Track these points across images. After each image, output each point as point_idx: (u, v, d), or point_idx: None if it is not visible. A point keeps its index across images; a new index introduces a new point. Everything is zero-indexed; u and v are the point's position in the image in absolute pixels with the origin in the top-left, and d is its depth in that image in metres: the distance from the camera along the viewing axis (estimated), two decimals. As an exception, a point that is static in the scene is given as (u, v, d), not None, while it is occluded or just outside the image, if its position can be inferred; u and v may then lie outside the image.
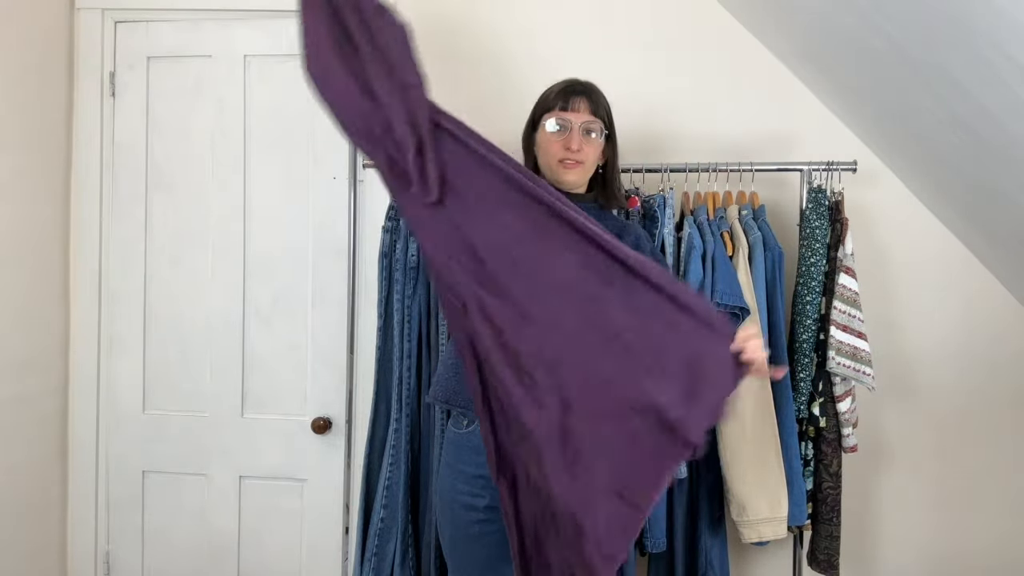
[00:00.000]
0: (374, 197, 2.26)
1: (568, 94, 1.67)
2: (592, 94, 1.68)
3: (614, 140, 1.73)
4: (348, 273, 2.25)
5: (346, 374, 2.25)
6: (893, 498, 2.24)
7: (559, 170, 1.65)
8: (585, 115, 1.65)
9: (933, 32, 1.56)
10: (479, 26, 2.26)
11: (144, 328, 2.30)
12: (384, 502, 1.97)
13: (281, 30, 2.24)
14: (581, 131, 1.64)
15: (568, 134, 1.64)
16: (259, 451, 2.28)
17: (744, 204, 2.03)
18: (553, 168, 1.66)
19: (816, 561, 2.00)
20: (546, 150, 1.66)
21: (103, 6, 2.27)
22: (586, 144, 1.65)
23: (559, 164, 1.64)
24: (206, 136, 2.28)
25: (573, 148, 1.63)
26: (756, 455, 1.86)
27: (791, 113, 2.21)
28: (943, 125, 1.83)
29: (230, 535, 2.30)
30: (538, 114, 1.70)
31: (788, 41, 2.15)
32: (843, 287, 1.92)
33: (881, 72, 1.86)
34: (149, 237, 2.30)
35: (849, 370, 1.91)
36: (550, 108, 1.67)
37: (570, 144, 1.63)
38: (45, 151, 2.21)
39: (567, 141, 1.63)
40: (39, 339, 2.20)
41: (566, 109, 1.65)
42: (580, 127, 1.64)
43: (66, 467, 2.32)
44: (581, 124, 1.64)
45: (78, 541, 2.34)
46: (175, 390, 2.30)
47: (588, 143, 1.65)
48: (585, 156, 1.65)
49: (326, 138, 2.23)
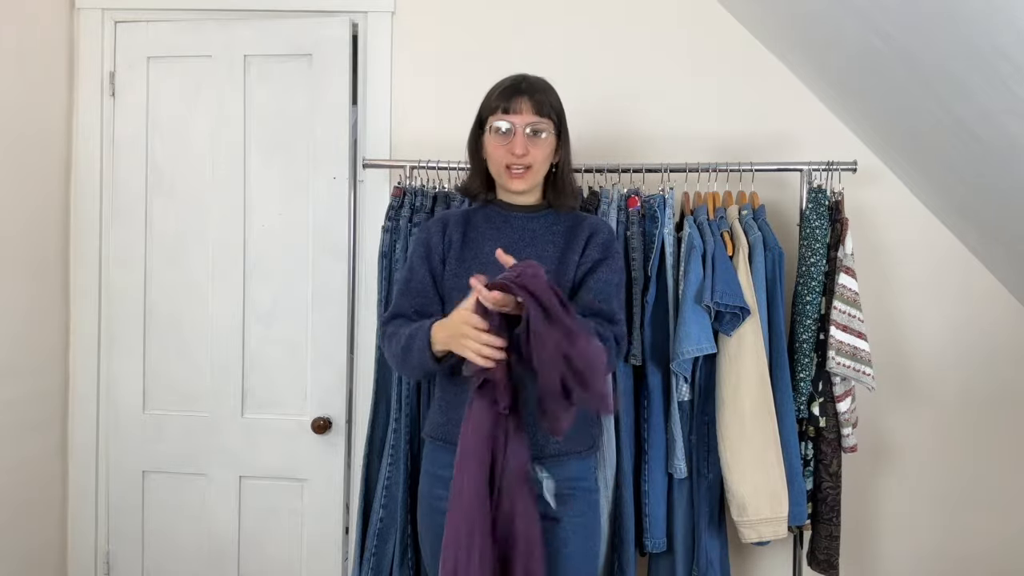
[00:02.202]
0: (374, 197, 2.27)
1: (511, 94, 1.57)
2: (536, 92, 1.58)
3: (565, 138, 1.65)
4: (348, 273, 2.25)
5: (346, 374, 2.25)
6: (893, 498, 2.24)
7: (506, 177, 1.59)
8: (529, 116, 1.56)
9: (933, 32, 1.57)
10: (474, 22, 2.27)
11: (144, 328, 2.30)
12: (383, 502, 1.97)
13: (281, 30, 2.24)
14: (527, 134, 1.55)
15: (512, 138, 1.55)
16: (259, 451, 2.27)
17: (744, 204, 2.03)
18: (501, 175, 1.61)
19: (816, 561, 2.00)
20: (492, 156, 1.60)
21: (103, 6, 2.27)
22: (533, 147, 1.56)
23: (506, 171, 1.58)
24: (206, 136, 2.28)
25: (517, 153, 1.55)
26: (756, 455, 1.86)
27: (791, 113, 2.21)
28: (943, 125, 1.83)
29: (230, 535, 2.30)
30: (483, 116, 1.62)
31: (788, 41, 2.15)
32: (843, 287, 1.92)
33: (881, 72, 1.86)
34: (149, 237, 2.30)
35: (849, 370, 1.91)
36: (493, 110, 1.58)
37: (514, 149, 1.55)
38: (45, 151, 2.21)
39: (512, 146, 1.55)
40: (39, 339, 2.20)
41: (508, 111, 1.56)
42: (525, 129, 1.55)
43: (66, 467, 2.32)
44: (526, 126, 1.55)
45: (78, 541, 2.34)
46: (175, 390, 2.30)
47: (535, 145, 1.57)
48: (533, 159, 1.57)
49: (326, 138, 2.23)
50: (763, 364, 1.89)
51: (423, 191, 2.06)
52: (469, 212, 1.71)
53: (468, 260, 1.61)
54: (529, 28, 2.26)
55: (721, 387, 1.90)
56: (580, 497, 1.58)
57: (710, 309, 1.84)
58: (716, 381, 1.91)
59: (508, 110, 1.56)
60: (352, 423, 2.27)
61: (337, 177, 2.24)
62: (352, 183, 2.25)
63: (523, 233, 1.64)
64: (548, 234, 1.64)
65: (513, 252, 1.48)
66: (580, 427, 1.55)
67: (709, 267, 1.88)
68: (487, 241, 1.62)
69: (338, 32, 2.23)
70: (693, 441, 1.96)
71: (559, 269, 1.60)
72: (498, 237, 1.62)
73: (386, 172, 2.26)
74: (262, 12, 2.27)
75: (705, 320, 1.85)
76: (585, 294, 1.58)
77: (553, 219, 1.66)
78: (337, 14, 2.25)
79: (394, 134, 2.28)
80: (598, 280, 1.60)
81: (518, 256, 1.46)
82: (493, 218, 1.67)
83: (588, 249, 1.62)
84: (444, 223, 1.68)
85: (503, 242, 1.58)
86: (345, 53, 2.23)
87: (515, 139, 1.55)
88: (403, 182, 2.10)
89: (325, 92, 2.23)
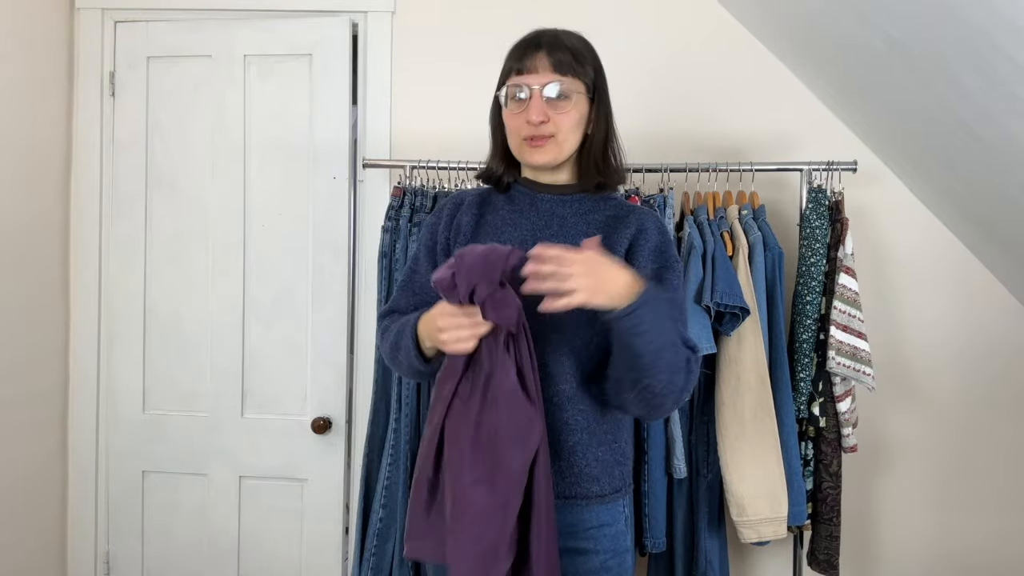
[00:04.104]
0: (374, 197, 2.27)
1: (524, 51, 1.31)
2: (557, 48, 1.30)
3: (602, 100, 1.35)
4: (348, 273, 2.25)
5: (346, 374, 2.25)
6: (893, 498, 2.24)
7: (526, 151, 1.32)
8: (547, 74, 1.28)
9: (933, 32, 1.56)
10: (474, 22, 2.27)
11: (144, 328, 2.30)
12: (383, 502, 1.97)
13: (281, 30, 2.24)
14: (545, 97, 1.28)
15: (528, 103, 1.28)
16: (259, 451, 2.27)
17: (744, 204, 2.03)
18: (520, 149, 1.33)
19: (816, 561, 2.00)
20: (510, 128, 1.33)
21: (103, 6, 2.27)
22: (554, 112, 1.28)
23: (524, 144, 1.31)
24: (206, 136, 2.28)
25: (533, 120, 1.27)
26: (756, 455, 1.86)
27: (791, 113, 2.21)
28: (943, 125, 1.83)
29: (230, 535, 2.30)
30: (500, 84, 1.36)
31: (788, 41, 2.15)
32: (843, 287, 1.92)
33: (881, 72, 1.86)
34: (149, 237, 2.30)
35: (849, 370, 1.91)
36: (507, 72, 1.33)
37: (530, 115, 1.27)
38: (45, 151, 2.21)
39: (527, 113, 1.28)
40: (39, 339, 2.20)
41: (522, 71, 1.29)
42: (543, 91, 1.28)
43: (66, 467, 2.32)
44: (543, 87, 1.28)
45: (78, 541, 2.34)
46: (175, 390, 2.30)
47: (557, 110, 1.28)
48: (556, 127, 1.29)
49: (326, 138, 2.23)
50: (763, 364, 1.89)
51: (423, 191, 2.06)
52: (490, 191, 1.44)
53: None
54: (529, 28, 2.25)
55: (721, 387, 1.90)
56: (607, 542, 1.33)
57: (710, 309, 1.84)
58: (716, 381, 1.92)
59: (522, 70, 1.30)
60: (352, 423, 2.27)
61: (337, 177, 2.24)
62: (352, 183, 2.25)
63: (550, 219, 1.36)
64: (580, 222, 1.35)
65: (534, 241, 1.30)
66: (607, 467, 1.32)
67: (709, 267, 1.88)
68: (506, 226, 1.36)
69: (338, 32, 2.23)
70: (693, 441, 1.97)
71: None
72: (519, 222, 1.36)
73: (386, 172, 2.26)
74: (262, 12, 2.27)
75: (705, 320, 1.84)
76: None
77: (589, 205, 1.37)
78: (337, 14, 2.25)
79: (394, 134, 2.28)
80: None
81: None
82: (516, 199, 1.39)
83: (636, 255, 1.32)
84: (456, 205, 1.43)
85: (525, 228, 1.35)
86: (345, 53, 2.23)
87: (530, 103, 1.28)
88: (403, 182, 2.11)
89: (325, 92, 2.23)
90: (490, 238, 1.35)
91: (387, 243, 2.03)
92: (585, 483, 1.29)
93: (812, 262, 1.95)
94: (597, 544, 1.30)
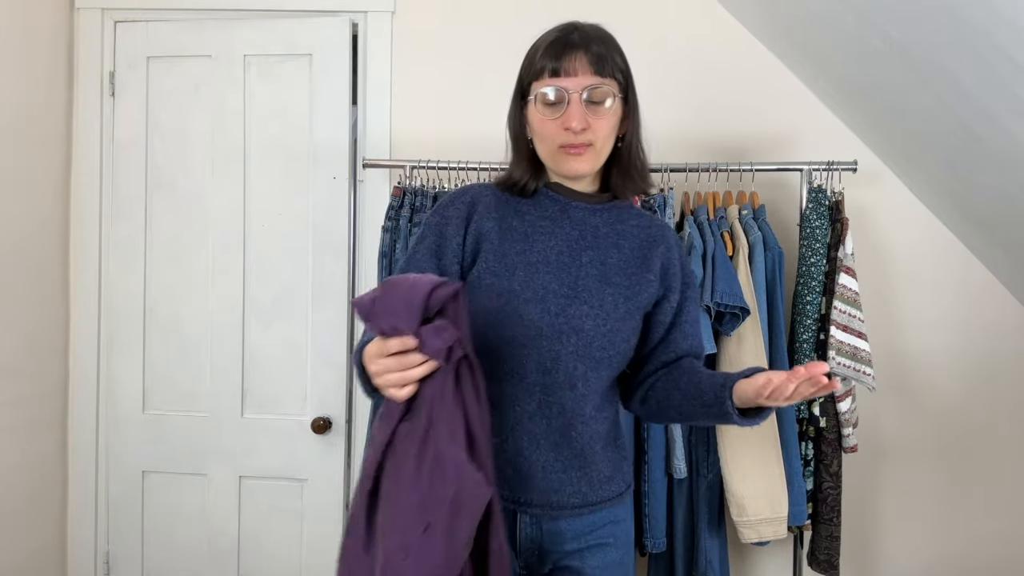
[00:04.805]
0: (374, 197, 2.27)
1: (561, 50, 1.21)
2: (594, 44, 1.21)
3: (634, 102, 1.27)
4: (348, 273, 2.25)
5: (346, 374, 2.25)
6: (893, 498, 2.24)
7: (562, 160, 1.23)
8: (587, 77, 1.19)
9: (933, 32, 1.56)
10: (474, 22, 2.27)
11: (144, 328, 2.30)
12: (384, 502, 1.97)
13: (281, 30, 2.24)
14: (585, 101, 1.19)
15: (566, 109, 1.19)
16: (259, 451, 2.27)
17: (744, 204, 2.03)
18: (554, 157, 1.24)
19: (816, 561, 2.00)
20: (541, 134, 1.23)
21: (103, 6, 2.27)
22: (594, 118, 1.19)
23: (560, 151, 1.22)
24: (206, 136, 2.28)
25: (574, 127, 1.18)
26: (756, 455, 1.86)
27: (791, 113, 2.22)
28: (943, 125, 1.83)
29: (230, 535, 2.30)
30: (525, 83, 1.26)
31: (788, 41, 2.15)
32: (843, 287, 1.92)
33: (881, 72, 1.86)
34: (149, 237, 2.30)
35: (849, 370, 1.91)
36: (538, 73, 1.22)
37: (569, 122, 1.18)
38: (45, 151, 2.21)
39: (566, 119, 1.18)
40: (39, 339, 2.20)
41: (559, 73, 1.19)
42: (582, 95, 1.19)
43: (66, 467, 2.32)
44: (584, 90, 1.19)
45: (78, 541, 2.34)
46: (175, 390, 2.30)
47: (597, 115, 1.20)
48: (595, 135, 1.20)
49: (326, 138, 2.23)
50: (763, 364, 1.89)
51: (423, 191, 2.06)
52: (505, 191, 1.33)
53: (512, 257, 1.24)
54: (529, 28, 2.25)
55: (721, 387, 1.89)
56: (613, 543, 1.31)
57: (710, 309, 1.84)
58: (716, 381, 1.91)
59: (558, 71, 1.19)
60: (352, 423, 2.27)
61: (337, 177, 2.24)
62: (352, 183, 2.25)
63: (584, 229, 1.28)
64: (612, 234, 1.29)
65: (570, 254, 1.25)
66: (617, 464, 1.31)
67: (709, 267, 1.88)
68: (538, 234, 1.26)
69: (338, 32, 2.23)
70: (693, 441, 1.97)
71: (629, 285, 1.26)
72: (553, 231, 1.27)
73: (386, 172, 2.26)
74: (262, 12, 2.27)
75: (705, 320, 1.84)
76: (681, 340, 1.31)
77: (616, 214, 1.31)
78: (337, 14, 2.25)
79: (394, 134, 2.28)
80: (690, 320, 1.33)
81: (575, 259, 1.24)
82: (545, 205, 1.29)
83: (670, 277, 1.31)
84: (470, 207, 1.28)
85: (561, 239, 1.26)
86: (345, 53, 2.23)
87: (569, 109, 1.18)
88: (403, 182, 2.11)
89: (325, 92, 2.23)
90: (520, 245, 1.25)
91: (387, 243, 2.03)
92: (605, 486, 1.28)
93: (812, 262, 1.95)
94: (615, 539, 1.30)
